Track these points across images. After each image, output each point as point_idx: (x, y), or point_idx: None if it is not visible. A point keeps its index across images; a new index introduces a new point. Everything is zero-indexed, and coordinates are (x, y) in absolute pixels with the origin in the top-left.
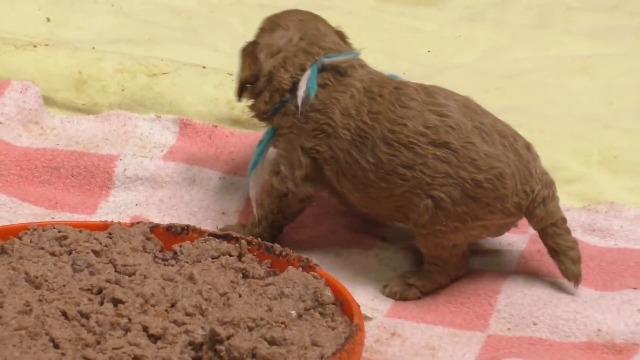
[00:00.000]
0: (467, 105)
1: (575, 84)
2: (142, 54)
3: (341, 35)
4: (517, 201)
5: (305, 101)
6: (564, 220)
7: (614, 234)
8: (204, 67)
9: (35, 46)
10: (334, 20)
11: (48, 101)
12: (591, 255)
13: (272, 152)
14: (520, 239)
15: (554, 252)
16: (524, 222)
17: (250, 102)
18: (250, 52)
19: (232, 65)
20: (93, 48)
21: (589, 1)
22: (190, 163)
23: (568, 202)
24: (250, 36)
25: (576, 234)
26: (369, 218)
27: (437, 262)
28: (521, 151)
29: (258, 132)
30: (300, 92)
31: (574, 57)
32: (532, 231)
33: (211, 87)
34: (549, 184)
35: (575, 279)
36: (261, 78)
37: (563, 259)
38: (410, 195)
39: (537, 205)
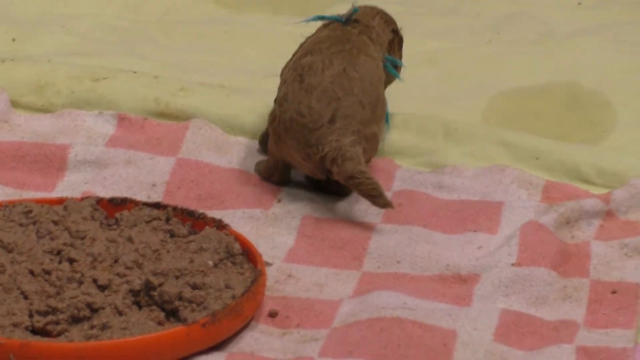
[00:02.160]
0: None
1: (422, 73)
2: (87, 63)
3: None
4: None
5: None
6: (361, 172)
7: (457, 189)
8: (135, 72)
9: (3, 61)
10: None
11: (15, 104)
12: (440, 206)
13: None
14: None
15: (362, 196)
16: None
17: None
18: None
19: (157, 70)
20: (49, 61)
21: (430, 7)
22: (126, 148)
23: (420, 168)
24: (171, 45)
25: (427, 190)
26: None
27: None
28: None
29: (180, 122)
30: None
31: (421, 52)
32: (394, 188)
33: (141, 87)
34: (341, 148)
35: (384, 206)
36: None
37: (369, 199)
38: None
39: (329, 163)
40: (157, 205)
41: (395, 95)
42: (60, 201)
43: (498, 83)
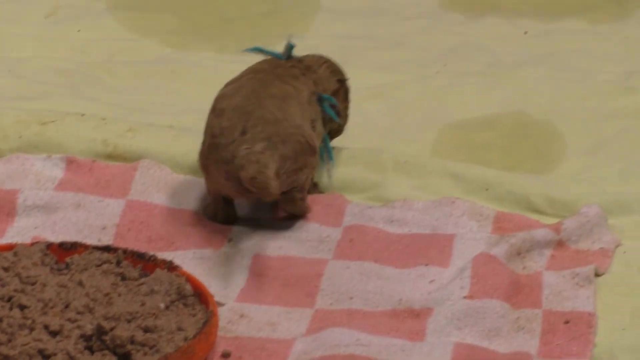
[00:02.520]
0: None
1: (370, 107)
2: (34, 107)
3: None
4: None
5: None
6: (261, 173)
7: (407, 223)
8: (82, 115)
9: None
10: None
11: None
12: (392, 240)
13: None
14: (335, 231)
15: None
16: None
17: None
18: None
19: (105, 111)
20: None
21: (376, 40)
22: (75, 191)
23: (371, 202)
24: (118, 86)
25: (378, 225)
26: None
27: None
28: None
29: (128, 164)
30: None
31: (368, 86)
32: (345, 223)
33: (89, 130)
34: (248, 155)
35: (301, 215)
36: None
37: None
38: None
39: (240, 171)
40: (107, 249)
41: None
42: (10, 247)
43: (446, 115)
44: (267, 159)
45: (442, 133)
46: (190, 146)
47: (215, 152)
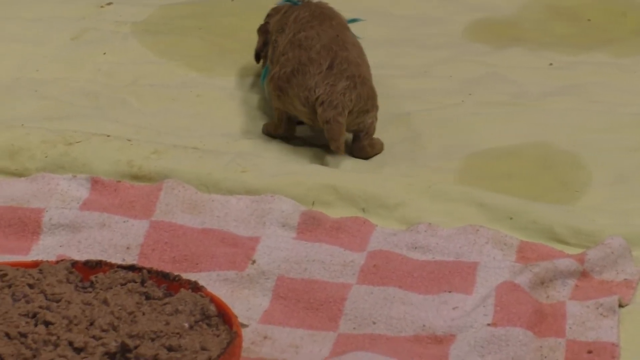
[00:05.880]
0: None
1: (396, 134)
2: (60, 127)
3: None
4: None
5: None
6: (336, 120)
7: (431, 249)
8: (108, 136)
9: None
10: None
11: None
12: (415, 267)
13: None
14: (359, 255)
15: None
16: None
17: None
18: (260, 29)
19: (130, 133)
20: (22, 125)
21: (402, 69)
22: (100, 211)
23: (395, 225)
24: (143, 109)
25: (402, 251)
26: None
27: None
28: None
29: (153, 184)
30: None
31: (395, 114)
32: (370, 249)
33: (114, 151)
34: (331, 94)
35: (336, 149)
36: (271, 43)
37: (329, 142)
38: None
39: (318, 105)
40: (132, 268)
41: None
42: (35, 264)
43: (471, 144)
44: (345, 103)
45: (466, 161)
46: (215, 166)
47: (299, 77)
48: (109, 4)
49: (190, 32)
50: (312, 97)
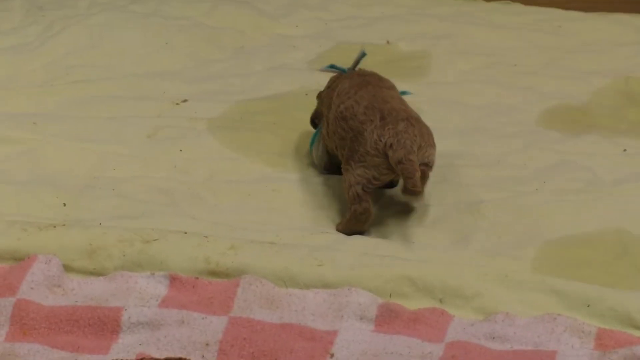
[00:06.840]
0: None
1: (469, 224)
2: (137, 226)
3: None
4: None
5: None
6: (408, 159)
7: (509, 339)
8: (185, 233)
9: (55, 226)
10: None
11: (67, 268)
12: (494, 357)
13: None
14: (437, 347)
15: (403, 179)
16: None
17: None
18: (318, 96)
19: (208, 229)
20: (99, 224)
21: (472, 159)
22: (179, 308)
23: (472, 315)
24: (220, 205)
25: (480, 341)
26: None
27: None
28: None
29: (230, 280)
30: None
31: (467, 203)
32: (447, 340)
33: (192, 247)
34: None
35: (413, 187)
36: (324, 118)
37: (405, 181)
38: None
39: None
40: None
41: None
42: None
43: (546, 232)
44: (412, 140)
45: (541, 250)
46: (292, 260)
47: (361, 140)
48: (185, 101)
49: (264, 128)
50: (380, 145)
